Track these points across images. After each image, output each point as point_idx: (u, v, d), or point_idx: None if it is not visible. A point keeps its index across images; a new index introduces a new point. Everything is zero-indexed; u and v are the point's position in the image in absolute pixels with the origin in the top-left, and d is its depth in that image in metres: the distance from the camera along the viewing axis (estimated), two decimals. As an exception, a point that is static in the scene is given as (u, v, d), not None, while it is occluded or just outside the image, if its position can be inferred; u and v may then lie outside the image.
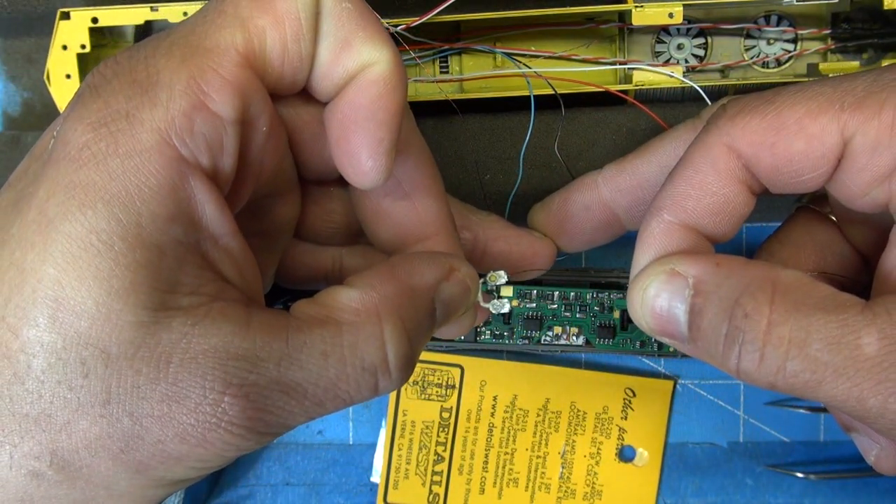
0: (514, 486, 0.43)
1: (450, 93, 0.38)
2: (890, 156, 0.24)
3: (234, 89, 0.23)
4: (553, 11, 0.35)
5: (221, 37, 0.23)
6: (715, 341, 0.24)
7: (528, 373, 0.43)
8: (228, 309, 0.23)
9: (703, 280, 0.25)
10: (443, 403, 0.43)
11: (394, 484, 0.43)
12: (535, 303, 0.39)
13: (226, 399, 0.22)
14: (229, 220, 0.24)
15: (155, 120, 0.22)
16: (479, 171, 0.38)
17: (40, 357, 0.21)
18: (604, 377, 0.43)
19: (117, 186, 0.21)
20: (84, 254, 0.21)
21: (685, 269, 0.25)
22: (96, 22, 0.34)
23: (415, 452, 0.43)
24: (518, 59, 0.38)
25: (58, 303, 0.21)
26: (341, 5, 0.24)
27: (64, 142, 0.22)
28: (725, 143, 0.26)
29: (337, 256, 0.32)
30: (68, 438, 0.21)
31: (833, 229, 0.31)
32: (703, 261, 0.25)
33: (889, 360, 0.22)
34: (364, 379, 0.24)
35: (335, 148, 0.26)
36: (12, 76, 0.40)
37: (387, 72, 0.25)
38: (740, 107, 0.26)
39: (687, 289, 0.25)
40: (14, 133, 0.39)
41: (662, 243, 0.27)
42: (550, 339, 0.40)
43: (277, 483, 0.44)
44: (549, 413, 0.43)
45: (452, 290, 0.27)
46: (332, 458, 0.44)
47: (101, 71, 0.23)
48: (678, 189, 0.26)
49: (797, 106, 0.25)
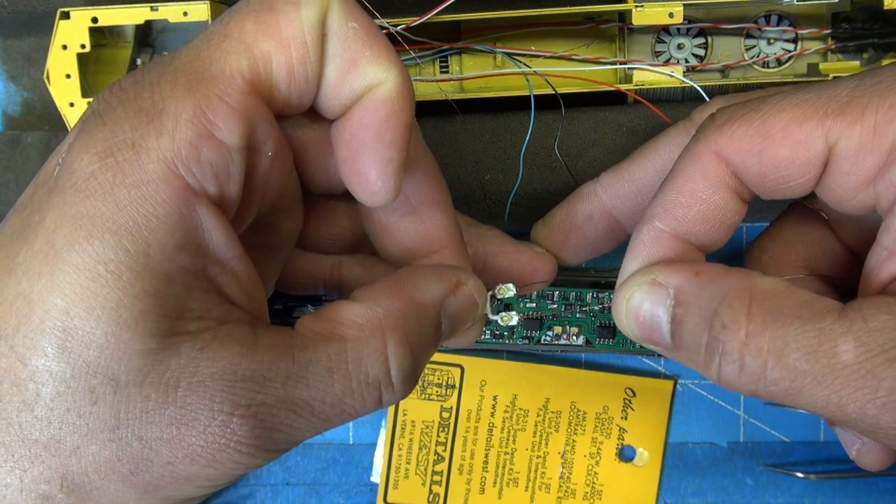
0: (514, 486, 0.43)
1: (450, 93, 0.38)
2: (873, 159, 0.24)
3: (240, 117, 0.23)
4: (553, 11, 0.35)
5: (227, 63, 0.23)
6: (696, 351, 0.25)
7: (528, 373, 0.43)
8: (235, 331, 0.23)
9: (683, 290, 0.25)
10: (443, 403, 0.43)
11: (394, 484, 0.43)
12: (535, 303, 0.39)
13: (234, 420, 0.22)
14: (235, 245, 0.24)
15: (161, 150, 0.22)
16: (479, 171, 0.38)
17: (49, 385, 0.21)
18: (604, 377, 0.43)
19: (125, 217, 0.21)
20: (92, 284, 0.21)
21: (666, 279, 0.25)
22: (96, 22, 0.34)
23: (415, 452, 0.43)
24: (518, 58, 0.38)
25: (66, 333, 0.21)
26: (347, 25, 0.24)
27: (70, 171, 0.22)
28: (714, 152, 0.26)
29: (336, 264, 0.32)
30: (78, 462, 0.21)
31: (824, 227, 0.31)
32: (683, 270, 0.25)
33: (865, 367, 0.22)
34: (368, 393, 0.24)
35: (344, 167, 0.26)
36: (12, 76, 0.40)
37: (394, 91, 0.25)
38: (728, 115, 0.26)
39: (668, 299, 0.25)
40: (14, 133, 0.39)
41: (651, 251, 0.27)
42: (550, 339, 0.40)
43: (277, 483, 0.44)
44: (549, 413, 0.43)
45: (459, 305, 0.27)
46: (332, 457, 0.44)
47: (105, 98, 0.23)
48: (669, 197, 0.27)
49: (782, 113, 0.25)
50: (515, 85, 0.38)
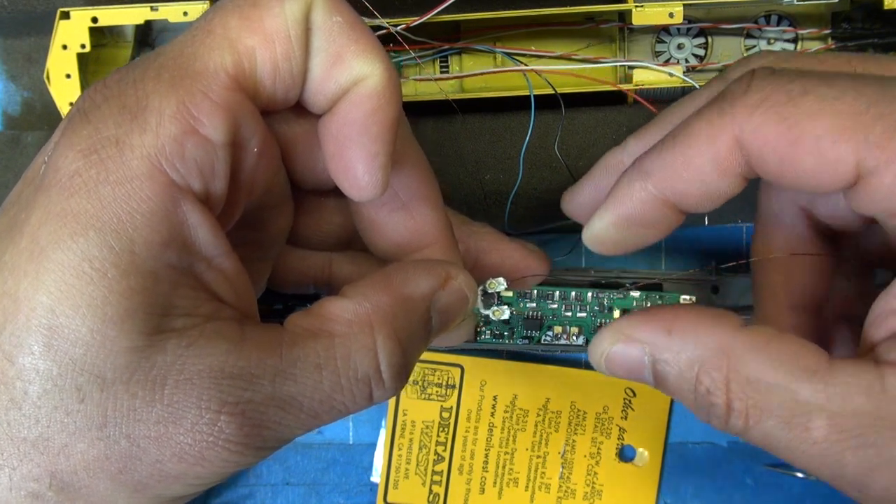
0: (514, 486, 0.43)
1: (450, 92, 0.38)
2: None
3: (225, 113, 0.23)
4: (553, 11, 0.35)
5: (210, 59, 0.23)
6: (684, 398, 0.25)
7: (528, 373, 0.43)
8: (223, 328, 0.23)
9: (659, 348, 0.24)
10: (443, 403, 0.43)
11: (394, 484, 0.43)
12: (535, 303, 0.39)
13: (222, 418, 0.22)
14: (222, 241, 0.24)
15: (145, 146, 0.22)
16: (479, 171, 0.38)
17: (36, 383, 0.21)
18: (604, 377, 0.43)
19: (109, 214, 0.21)
20: (77, 282, 0.21)
21: (640, 337, 0.25)
22: (96, 21, 0.34)
23: (415, 452, 0.43)
24: (518, 58, 0.38)
25: (52, 331, 0.21)
26: (332, 19, 0.24)
27: (55, 168, 0.22)
28: (734, 135, 0.24)
29: (327, 261, 0.31)
30: (66, 460, 0.21)
31: None
32: (655, 329, 0.25)
33: (835, 448, 0.22)
34: (358, 389, 0.24)
35: (331, 162, 0.26)
36: (12, 76, 0.40)
37: (380, 85, 0.24)
38: (763, 96, 0.23)
39: (645, 356, 0.25)
40: (14, 133, 0.39)
41: (634, 210, 0.26)
42: (550, 339, 0.40)
43: (277, 483, 0.44)
44: (549, 413, 0.43)
45: (449, 299, 0.27)
46: (332, 457, 0.44)
47: (90, 95, 0.23)
48: (673, 166, 0.25)
49: (818, 121, 0.23)
50: (515, 85, 0.38)
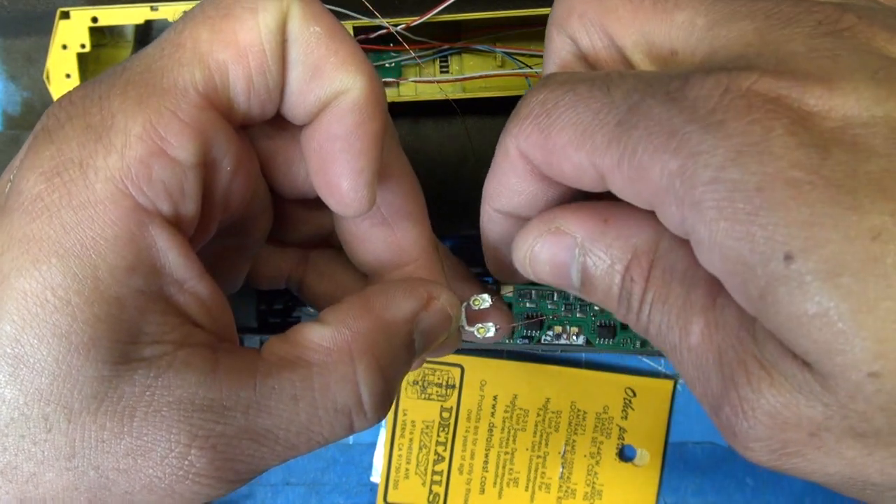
0: (515, 486, 0.43)
1: (450, 93, 0.38)
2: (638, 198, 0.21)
3: (194, 132, 0.22)
4: (553, 11, 0.35)
5: (180, 75, 0.22)
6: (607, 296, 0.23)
7: (528, 373, 0.43)
8: (194, 356, 0.22)
9: (593, 240, 0.23)
10: (443, 403, 0.43)
11: (394, 483, 0.43)
12: (535, 303, 0.39)
13: (192, 451, 0.21)
14: (194, 264, 0.23)
15: (110, 168, 0.21)
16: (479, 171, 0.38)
17: (2, 412, 0.21)
18: (604, 377, 0.43)
19: (72, 240, 0.21)
20: (41, 311, 0.20)
21: (571, 229, 0.24)
22: (96, 21, 0.34)
23: (415, 452, 0.43)
24: (518, 58, 0.38)
25: (17, 360, 0.20)
26: (309, 30, 0.23)
27: (17, 191, 0.21)
28: (517, 148, 0.24)
29: (302, 257, 0.31)
30: (35, 489, 0.21)
31: None
32: (590, 218, 0.23)
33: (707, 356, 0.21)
34: (338, 421, 0.23)
35: (315, 177, 0.25)
36: (12, 76, 0.40)
37: (362, 98, 0.23)
38: (527, 109, 0.23)
39: (576, 247, 0.23)
40: (14, 133, 0.39)
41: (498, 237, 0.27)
42: (550, 339, 0.40)
43: (277, 483, 0.44)
44: (549, 413, 0.43)
45: (432, 320, 0.26)
46: (332, 457, 0.44)
47: (54, 112, 0.22)
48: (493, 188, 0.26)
49: (563, 132, 0.22)
50: (516, 85, 0.38)
